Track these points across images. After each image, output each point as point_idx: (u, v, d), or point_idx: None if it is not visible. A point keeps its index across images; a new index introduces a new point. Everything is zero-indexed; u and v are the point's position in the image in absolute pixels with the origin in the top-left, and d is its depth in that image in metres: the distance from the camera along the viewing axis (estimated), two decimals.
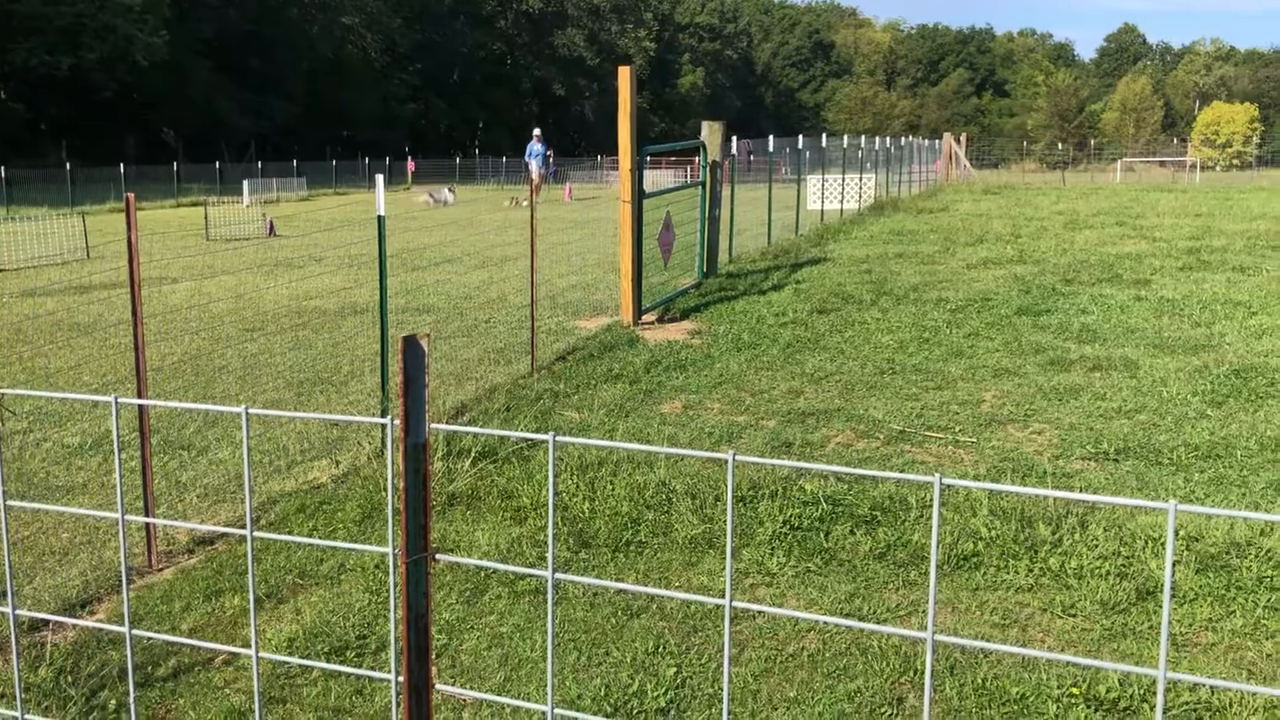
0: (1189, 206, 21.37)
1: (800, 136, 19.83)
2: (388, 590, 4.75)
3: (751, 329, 10.22)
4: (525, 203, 26.36)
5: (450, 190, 28.16)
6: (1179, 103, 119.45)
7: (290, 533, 5.46)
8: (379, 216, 6.90)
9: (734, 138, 14.04)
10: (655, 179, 33.52)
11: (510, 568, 1.69)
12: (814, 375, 8.48)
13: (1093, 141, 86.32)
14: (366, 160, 48.99)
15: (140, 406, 5.45)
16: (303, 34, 53.67)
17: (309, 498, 5.87)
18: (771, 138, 17.63)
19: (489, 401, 7.84)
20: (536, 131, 27.93)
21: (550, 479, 1.60)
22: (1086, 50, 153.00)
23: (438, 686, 1.58)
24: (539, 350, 9.32)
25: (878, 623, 4.39)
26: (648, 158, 11.39)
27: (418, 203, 28.77)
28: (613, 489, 5.67)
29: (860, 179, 22.92)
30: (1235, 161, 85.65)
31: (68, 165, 31.97)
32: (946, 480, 1.31)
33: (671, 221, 11.67)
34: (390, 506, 1.51)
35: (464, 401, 7.88)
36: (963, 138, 44.72)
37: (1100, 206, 21.98)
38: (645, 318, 10.89)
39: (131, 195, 5.02)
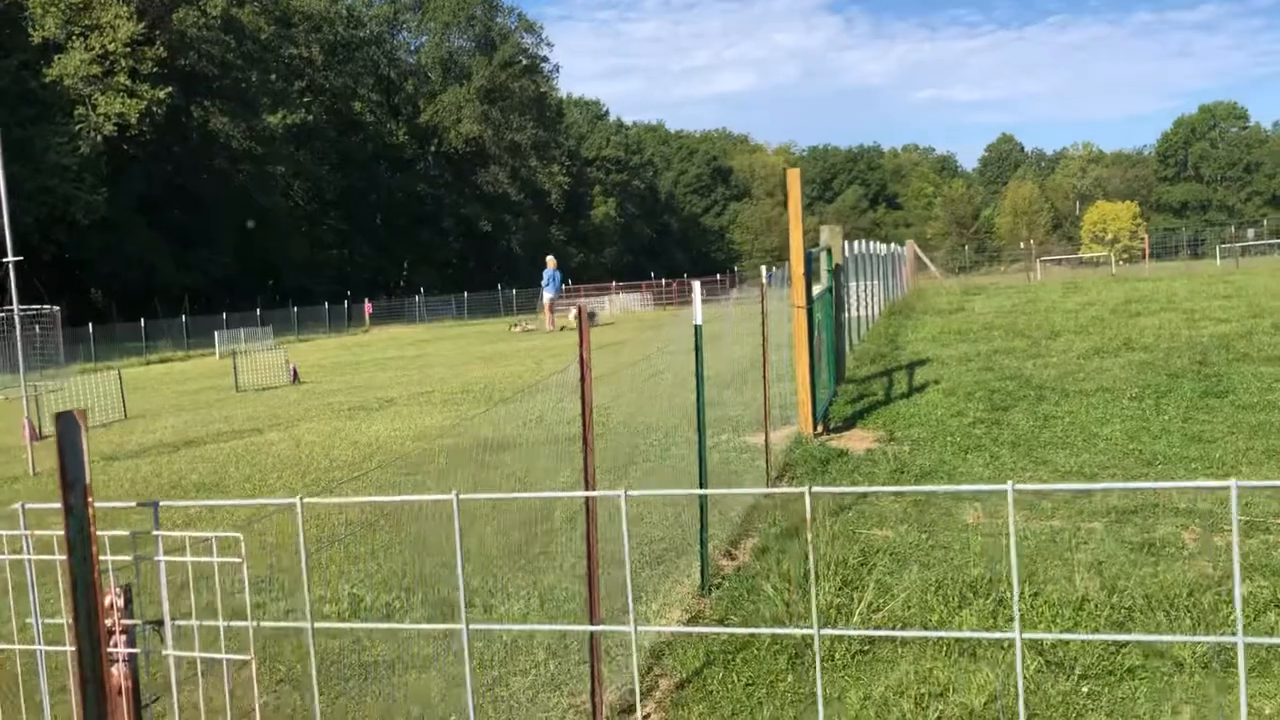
0: (1202, 290, 21.90)
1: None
2: None
3: (951, 431, 9.80)
4: (531, 327, 25.82)
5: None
6: (1060, 204, 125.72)
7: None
8: (696, 325, 6.45)
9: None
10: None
11: None
12: (1077, 471, 8.07)
13: (996, 244, 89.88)
14: (295, 308, 48.40)
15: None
16: (236, 186, 52.88)
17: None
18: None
19: (768, 525, 7.24)
20: (550, 259, 27.87)
21: None
22: (969, 161, 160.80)
23: None
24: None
25: None
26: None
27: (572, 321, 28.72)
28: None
29: (869, 287, 23.08)
30: (1125, 256, 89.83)
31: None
32: None
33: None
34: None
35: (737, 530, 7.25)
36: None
37: (1114, 296, 22.40)
38: (817, 428, 10.42)
39: (584, 305, 4.44)
